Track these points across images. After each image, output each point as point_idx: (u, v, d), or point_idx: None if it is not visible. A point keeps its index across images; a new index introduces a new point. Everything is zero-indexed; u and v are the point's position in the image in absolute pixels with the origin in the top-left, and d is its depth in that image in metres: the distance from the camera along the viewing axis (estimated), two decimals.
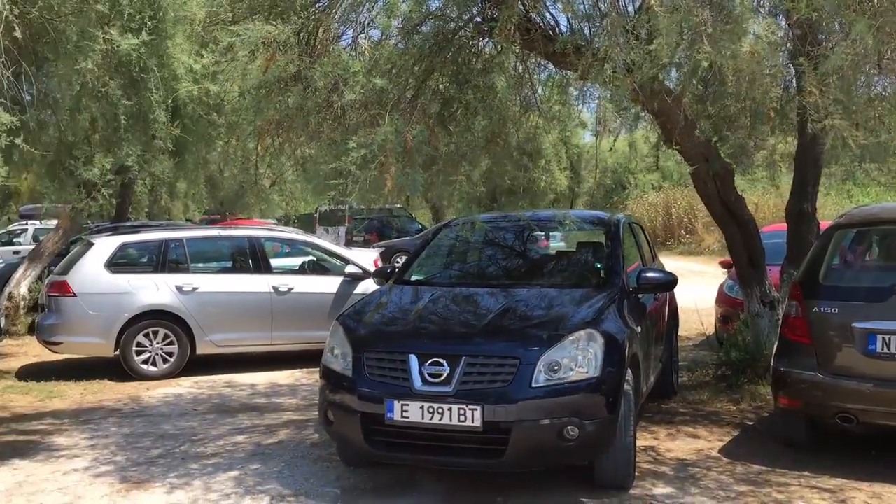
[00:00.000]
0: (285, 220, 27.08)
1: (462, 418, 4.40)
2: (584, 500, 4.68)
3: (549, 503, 4.66)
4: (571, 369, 4.50)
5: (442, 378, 4.51)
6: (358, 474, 5.21)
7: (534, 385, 4.42)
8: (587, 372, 4.51)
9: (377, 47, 6.04)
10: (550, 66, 6.46)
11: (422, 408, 4.48)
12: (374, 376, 4.72)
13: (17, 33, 5.11)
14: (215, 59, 6.10)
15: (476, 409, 4.38)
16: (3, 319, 9.81)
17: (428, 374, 4.54)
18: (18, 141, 5.17)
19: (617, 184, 34.27)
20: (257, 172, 6.99)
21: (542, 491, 4.81)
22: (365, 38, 6.15)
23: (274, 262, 9.76)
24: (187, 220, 28.11)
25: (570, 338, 4.59)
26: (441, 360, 4.54)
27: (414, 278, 6.11)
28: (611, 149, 13.67)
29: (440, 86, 5.92)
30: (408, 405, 4.52)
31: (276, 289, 9.06)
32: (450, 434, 4.49)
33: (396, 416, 4.53)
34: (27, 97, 5.63)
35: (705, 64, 4.35)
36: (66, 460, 5.66)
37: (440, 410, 4.45)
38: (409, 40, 5.68)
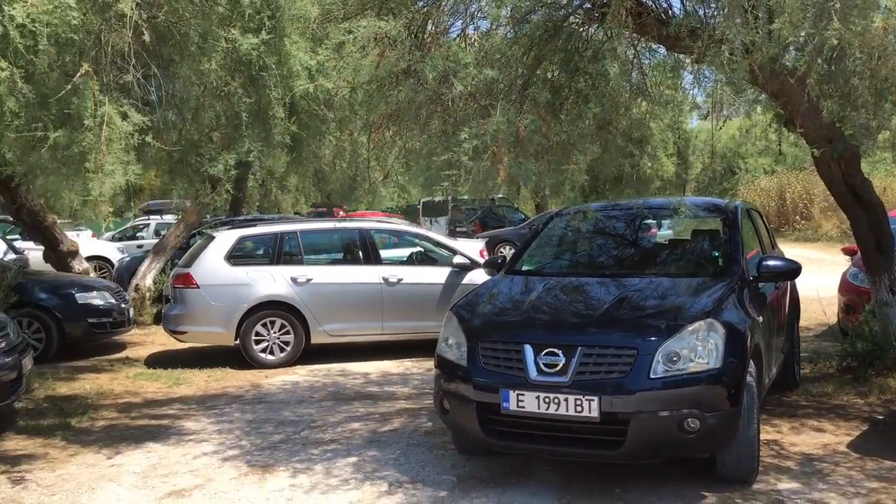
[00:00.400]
0: (391, 212, 27.57)
1: (579, 409, 4.38)
2: (704, 493, 4.58)
3: (668, 496, 4.58)
4: (691, 360, 4.41)
5: (557, 368, 4.50)
6: (473, 463, 5.26)
7: (652, 376, 4.35)
8: (708, 363, 4.41)
9: (486, 38, 6.06)
10: (661, 49, 6.32)
11: (537, 398, 4.48)
12: (488, 366, 4.75)
13: (146, 37, 5.38)
14: (328, 56, 6.25)
15: (593, 400, 4.35)
16: (131, 310, 10.35)
17: (543, 364, 4.54)
18: (149, 139, 5.44)
19: (727, 169, 33.22)
20: (369, 166, 7.12)
21: (661, 483, 4.73)
22: (474, 29, 6.18)
23: (383, 254, 9.93)
24: (295, 213, 28.97)
25: (690, 328, 4.49)
26: (556, 351, 4.53)
27: (525, 268, 6.10)
28: (720, 128, 13.25)
29: (550, 74, 5.88)
30: (523, 395, 4.53)
31: (386, 280, 9.22)
32: (566, 424, 4.48)
33: (512, 406, 4.55)
34: (155, 98, 5.92)
35: (834, 41, 4.15)
36: (195, 444, 5.94)
37: (556, 400, 4.44)
38: (518, 29, 5.66)
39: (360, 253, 9.58)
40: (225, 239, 9.22)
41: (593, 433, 4.46)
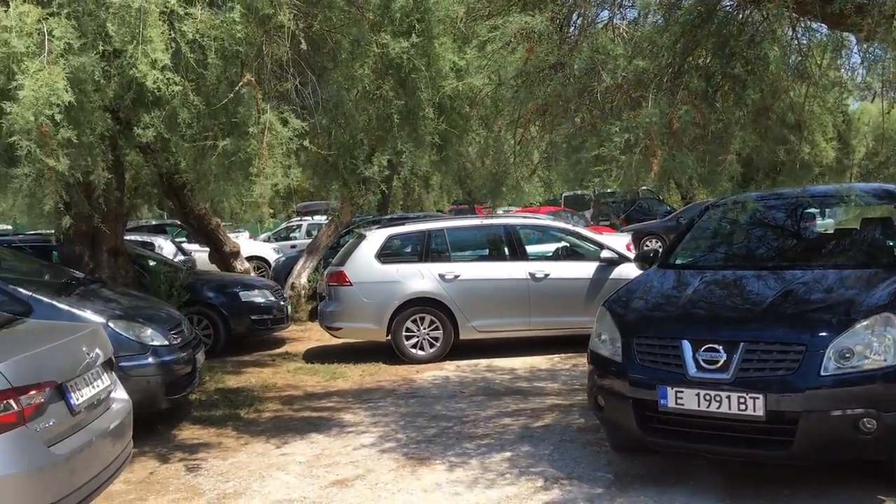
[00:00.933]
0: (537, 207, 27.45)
1: (742, 407, 4.22)
2: (882, 498, 4.30)
3: (842, 499, 4.34)
4: (866, 357, 4.15)
5: (718, 365, 4.35)
6: (629, 460, 5.18)
7: (823, 373, 4.13)
8: (885, 360, 4.14)
9: (634, 27, 5.93)
10: (822, 28, 5.97)
11: (697, 395, 4.36)
12: (644, 362, 4.67)
13: (303, 46, 5.62)
14: (475, 55, 6.31)
15: (758, 398, 4.18)
16: (289, 307, 10.86)
17: (703, 360, 4.41)
18: (306, 143, 5.69)
19: (894, 153, 30.94)
20: (514, 162, 7.13)
21: (833, 486, 4.49)
22: (621, 19, 6.06)
23: (529, 249, 9.92)
24: (438, 210, 29.41)
25: (864, 323, 4.23)
26: (717, 347, 4.39)
27: (678, 262, 5.94)
28: (888, 111, 12.37)
29: (703, 61, 5.68)
30: (682, 392, 4.41)
31: (532, 275, 9.22)
32: (729, 423, 4.33)
33: (670, 403, 4.45)
34: (311, 103, 6.18)
35: None
36: (355, 436, 6.16)
37: (717, 398, 4.30)
38: (669, 16, 5.51)
39: (506, 249, 9.62)
40: (375, 238, 9.51)
41: (758, 433, 4.28)
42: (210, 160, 5.73)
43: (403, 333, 9.06)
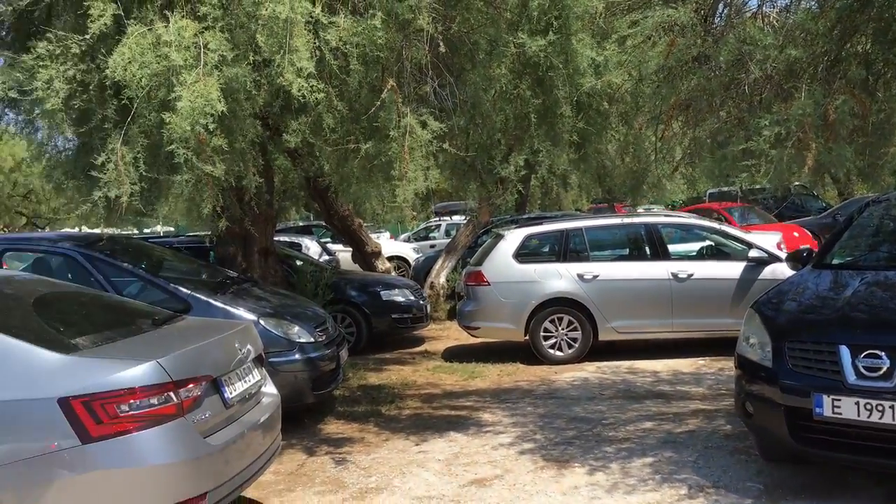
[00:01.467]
0: (671, 206, 26.65)
1: None
2: None
3: None
4: None
5: (881, 372, 4.06)
6: (780, 470, 4.92)
7: None
8: None
9: (785, 14, 5.64)
10: None
11: (857, 404, 4.09)
12: (797, 368, 4.42)
13: (441, 48, 5.69)
14: (614, 50, 6.19)
15: None
16: (428, 306, 11.04)
17: (863, 367, 4.12)
18: (445, 145, 5.76)
19: None
20: (655, 159, 6.95)
21: None
22: (771, 7, 5.78)
23: (671, 248, 9.62)
24: (576, 209, 29.07)
25: None
26: (879, 353, 4.09)
27: (835, 262, 5.58)
28: None
29: (862, 48, 5.32)
30: (839, 400, 4.15)
31: (675, 275, 8.93)
32: (893, 434, 4.03)
33: (826, 412, 4.19)
34: (449, 105, 6.25)
35: None
36: (493, 435, 6.18)
37: (880, 408, 4.02)
38: (824, 2, 5.20)
39: (647, 248, 9.37)
40: (513, 237, 9.50)
41: None
42: (352, 163, 5.91)
43: (541, 334, 9.01)
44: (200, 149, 4.92)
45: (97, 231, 6.58)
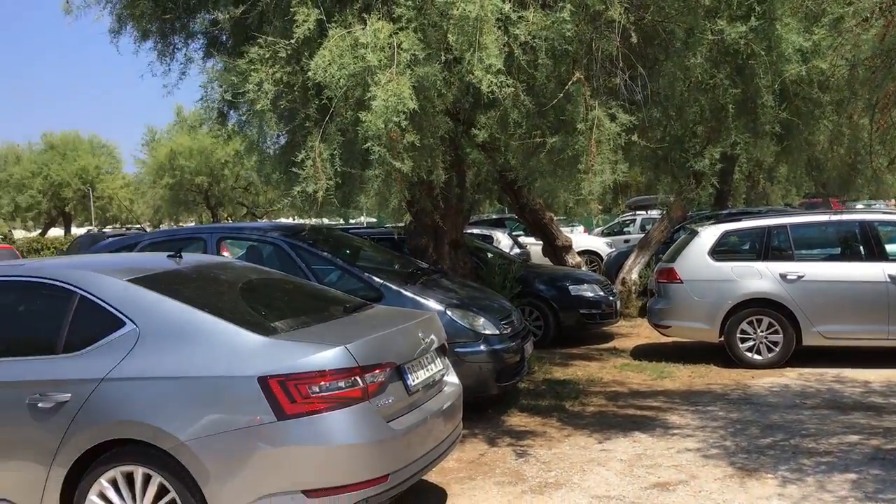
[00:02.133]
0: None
1: None
2: None
3: None
4: None
5: None
6: None
7: None
8: None
9: None
10: None
11: None
12: None
13: (633, 39, 5.55)
14: (824, 34, 5.75)
15: None
16: (618, 302, 10.83)
17: None
18: (635, 138, 5.62)
19: None
20: (871, 150, 6.38)
21: None
22: None
23: (890, 249, 8.80)
24: (786, 205, 27.31)
25: None
26: None
27: None
28: None
29: None
30: None
31: (893, 278, 8.17)
32: None
33: None
34: (640, 97, 6.08)
35: None
36: (679, 439, 5.97)
37: None
38: None
39: (861, 248, 8.63)
40: (709, 234, 9.08)
41: None
42: (539, 157, 5.90)
43: (738, 335, 8.56)
44: (393, 145, 5.12)
45: (306, 221, 7.03)
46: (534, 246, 16.12)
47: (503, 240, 15.82)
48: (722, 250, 9.02)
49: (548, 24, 5.37)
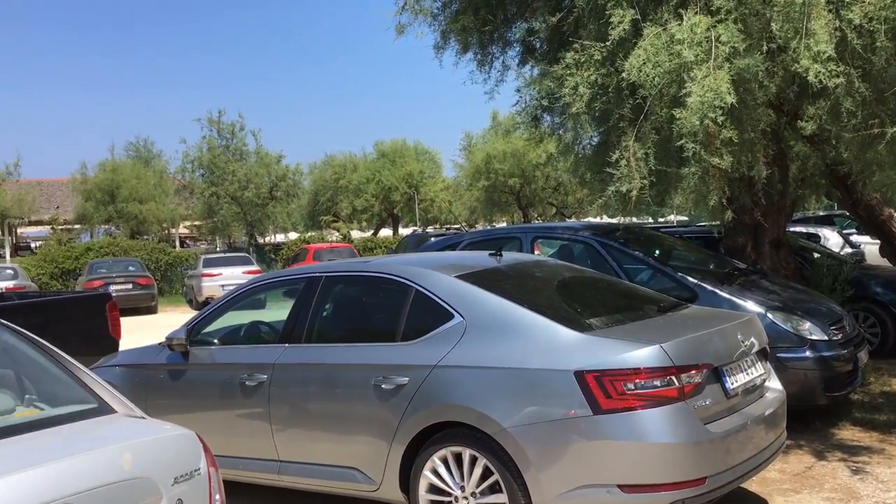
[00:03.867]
0: None
1: None
2: None
3: None
4: None
5: None
6: None
7: None
8: None
9: None
10: None
11: None
12: None
13: None
14: None
15: None
16: None
17: None
18: None
19: None
20: None
21: None
22: None
23: None
24: None
25: None
26: None
27: None
28: None
29: None
30: None
31: None
32: None
33: None
34: None
35: None
36: None
37: None
38: None
39: None
40: None
41: None
42: (877, 149, 5.38)
43: None
44: (708, 141, 5.00)
45: (614, 221, 7.11)
46: (869, 245, 14.56)
47: (832, 238, 14.53)
48: None
49: (888, 3, 4.88)
